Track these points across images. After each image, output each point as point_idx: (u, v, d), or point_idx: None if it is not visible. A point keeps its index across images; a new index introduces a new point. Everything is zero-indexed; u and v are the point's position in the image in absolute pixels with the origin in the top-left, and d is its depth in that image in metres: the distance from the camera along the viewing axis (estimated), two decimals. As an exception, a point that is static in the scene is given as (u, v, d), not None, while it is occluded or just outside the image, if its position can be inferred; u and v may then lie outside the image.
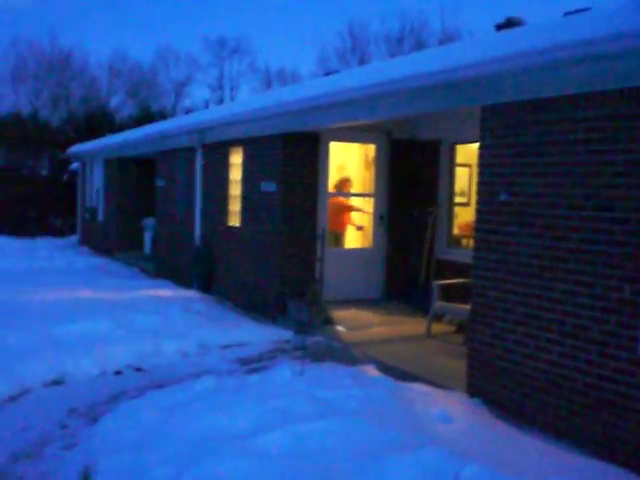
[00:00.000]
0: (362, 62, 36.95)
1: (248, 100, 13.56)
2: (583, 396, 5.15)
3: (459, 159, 9.59)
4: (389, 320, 9.30)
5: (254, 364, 7.35)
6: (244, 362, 7.50)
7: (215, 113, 12.61)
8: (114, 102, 37.33)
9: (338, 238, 10.87)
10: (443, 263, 9.48)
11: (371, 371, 6.67)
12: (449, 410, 5.45)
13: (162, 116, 28.79)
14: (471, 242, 6.93)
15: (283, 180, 9.58)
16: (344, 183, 10.61)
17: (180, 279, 13.17)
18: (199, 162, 12.54)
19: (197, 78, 50.31)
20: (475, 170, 6.37)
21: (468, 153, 9.24)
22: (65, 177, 26.59)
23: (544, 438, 5.25)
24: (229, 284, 11.41)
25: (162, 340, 8.05)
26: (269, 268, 9.98)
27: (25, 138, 26.12)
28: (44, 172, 27.32)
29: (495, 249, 5.98)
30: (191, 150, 12.86)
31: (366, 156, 10.82)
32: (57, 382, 6.76)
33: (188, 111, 28.36)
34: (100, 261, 17.15)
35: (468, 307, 6.49)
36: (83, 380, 6.86)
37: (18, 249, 19.00)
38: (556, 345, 5.38)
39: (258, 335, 8.69)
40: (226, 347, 8.19)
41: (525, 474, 4.38)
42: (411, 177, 10.17)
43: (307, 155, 9.70)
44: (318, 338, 8.42)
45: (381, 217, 10.37)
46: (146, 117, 28.40)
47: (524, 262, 5.68)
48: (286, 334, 8.60)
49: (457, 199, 9.73)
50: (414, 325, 9.00)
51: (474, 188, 6.33)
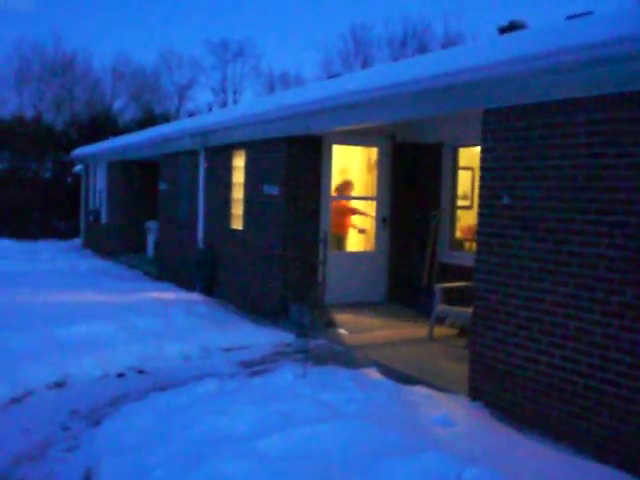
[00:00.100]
0: (365, 65, 36.98)
1: (251, 103, 13.58)
2: (584, 399, 5.15)
3: (462, 162, 9.57)
4: (391, 323, 9.31)
5: (256, 367, 7.36)
6: (246, 365, 7.51)
7: (218, 116, 12.63)
8: (117, 105, 37.41)
9: (340, 241, 10.87)
10: (446, 266, 9.47)
11: (373, 374, 6.67)
12: (451, 413, 5.46)
13: (165, 119, 28.78)
14: (474, 245, 6.93)
15: (286, 183, 9.60)
16: (345, 186, 10.61)
17: (183, 282, 13.19)
18: (202, 165, 12.56)
19: (200, 81, 50.42)
20: (478, 173, 6.37)
21: (471, 156, 9.24)
22: (68, 180, 26.65)
23: (545, 441, 5.25)
24: (232, 287, 11.42)
25: (164, 343, 8.07)
26: (272, 271, 9.99)
27: (29, 141, 26.17)
28: (47, 175, 27.36)
29: (497, 252, 5.99)
30: (194, 153, 12.89)
31: (369, 159, 10.82)
32: (60, 384, 6.77)
33: (191, 114, 28.37)
34: (103, 264, 17.18)
35: (470, 310, 6.49)
36: (85, 382, 6.87)
37: (21, 251, 19.04)
38: (558, 348, 5.38)
39: (260, 338, 8.70)
40: (228, 350, 8.20)
41: (526, 477, 4.39)
42: (414, 180, 10.16)
43: (310, 158, 9.71)
44: (320, 341, 8.42)
45: (383, 220, 10.38)
46: (149, 120, 28.43)
47: (526, 265, 5.69)
48: (288, 337, 8.60)
49: (460, 202, 9.71)
50: (416, 328, 9.01)
51: (477, 191, 6.33)
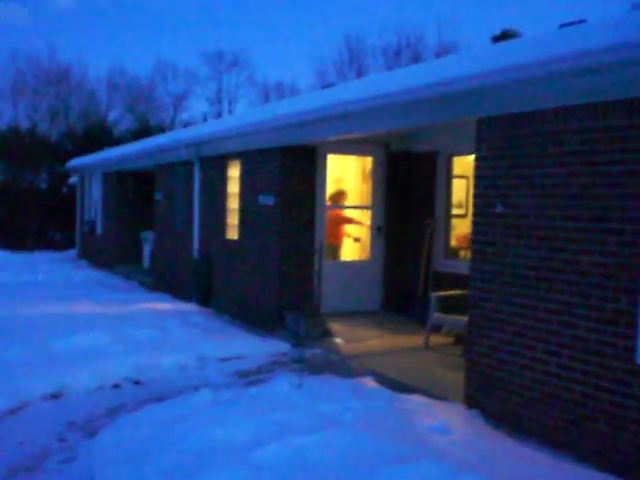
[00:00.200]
0: (359, 75, 37.07)
1: (245, 114, 13.61)
2: (580, 407, 5.16)
3: (456, 171, 9.61)
4: (387, 332, 9.31)
5: (252, 377, 7.35)
6: (242, 375, 7.50)
7: (212, 127, 12.66)
8: (112, 116, 37.40)
9: (336, 251, 10.88)
10: (441, 275, 9.49)
11: (369, 383, 6.67)
12: (447, 421, 5.46)
13: (160, 130, 28.81)
14: (469, 254, 6.94)
15: (281, 193, 9.61)
16: (339, 196, 10.63)
17: (179, 292, 13.18)
18: (197, 176, 12.57)
19: (195, 91, 50.57)
20: (472, 182, 6.40)
21: (465, 165, 9.27)
22: (64, 191, 26.63)
23: (542, 449, 5.25)
24: (228, 297, 11.42)
25: (160, 353, 8.06)
26: (267, 281, 9.99)
27: (24, 152, 26.17)
28: (43, 186, 27.35)
29: (491, 260, 6.00)
30: (189, 164, 12.90)
31: (363, 168, 10.86)
32: (56, 396, 6.75)
33: (186, 124, 28.45)
34: (99, 274, 17.17)
35: (466, 319, 6.50)
36: (82, 393, 6.85)
37: (17, 263, 19.02)
38: (553, 356, 5.39)
39: (256, 348, 8.69)
40: (224, 360, 8.19)
41: (523, 485, 4.40)
42: (408, 189, 10.19)
43: (304, 168, 9.73)
44: (316, 350, 8.43)
45: (378, 229, 10.39)
46: (144, 131, 28.44)
47: (520, 273, 5.70)
48: (284, 347, 8.60)
49: (455, 211, 9.75)
50: (412, 337, 9.01)
51: (471, 200, 6.35)
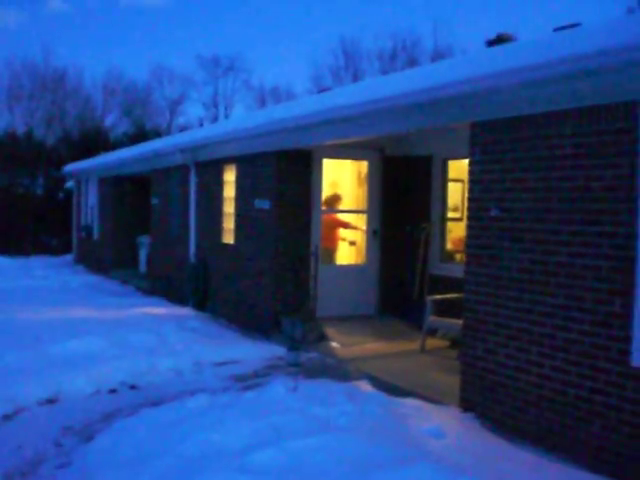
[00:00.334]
0: (355, 79, 37.13)
1: (241, 118, 13.63)
2: (575, 409, 5.18)
3: (451, 175, 9.62)
4: (383, 335, 9.31)
5: (248, 381, 7.35)
6: (238, 379, 7.50)
7: (208, 131, 12.67)
8: (109, 120, 37.40)
9: (331, 254, 10.89)
10: (437, 278, 9.50)
11: (365, 387, 6.68)
12: (442, 425, 5.48)
13: (157, 134, 28.80)
14: (464, 257, 6.97)
15: (277, 197, 9.63)
16: (334, 200, 10.64)
17: (175, 297, 13.18)
18: (193, 180, 12.59)
19: (191, 96, 50.28)
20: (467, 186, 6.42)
21: (460, 169, 9.27)
22: (60, 196, 26.62)
23: (537, 451, 5.27)
24: (224, 301, 11.42)
25: (157, 358, 8.07)
26: (263, 285, 10.00)
27: (20, 157, 26.14)
28: (39, 191, 27.33)
29: (486, 264, 6.03)
30: (185, 168, 12.92)
31: (359, 172, 10.87)
32: (52, 401, 6.75)
33: (182, 129, 28.46)
34: (95, 279, 17.16)
35: (461, 322, 6.52)
36: (78, 398, 6.85)
37: (13, 268, 18.99)
38: (548, 359, 5.41)
39: (252, 352, 8.70)
40: (220, 364, 8.20)
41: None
42: (404, 193, 10.20)
43: (300, 172, 9.75)
44: (312, 354, 8.44)
45: (374, 233, 10.41)
46: (141, 135, 28.41)
47: (515, 277, 5.73)
48: (280, 351, 8.61)
49: (450, 214, 9.76)
50: (408, 340, 9.02)
51: (467, 203, 6.38)
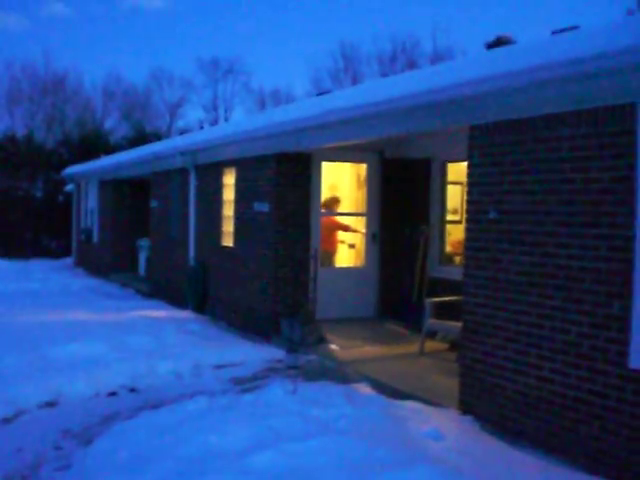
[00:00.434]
0: (355, 81, 37.22)
1: (240, 121, 13.63)
2: (574, 411, 5.18)
3: (451, 177, 9.63)
4: (382, 338, 9.32)
5: (247, 384, 7.36)
6: (238, 382, 7.51)
7: (208, 134, 12.69)
8: (108, 124, 37.50)
9: (330, 257, 10.90)
10: (436, 281, 9.51)
11: (364, 389, 6.69)
12: (441, 427, 5.48)
13: (157, 137, 28.76)
14: (463, 260, 6.98)
15: (276, 200, 9.64)
16: (332, 202, 10.65)
17: (175, 300, 13.18)
18: (192, 183, 12.60)
19: (191, 99, 50.81)
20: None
21: (459, 171, 9.27)
22: (60, 199, 26.62)
23: (536, 454, 5.27)
24: (223, 304, 11.43)
25: (156, 361, 8.07)
26: (263, 288, 10.00)
27: (20, 160, 26.15)
28: (39, 194, 27.32)
29: (485, 266, 6.03)
30: (184, 171, 12.93)
31: (358, 175, 10.89)
32: (51, 403, 6.76)
33: (182, 132, 28.42)
34: (95, 282, 17.16)
35: (460, 324, 6.52)
36: (77, 401, 6.85)
37: (13, 271, 19.00)
38: (546, 361, 5.42)
39: (252, 355, 8.71)
40: (220, 367, 8.20)
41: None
42: (403, 196, 10.21)
43: (299, 175, 9.76)
44: (311, 357, 8.44)
45: (373, 235, 10.42)
46: (140, 138, 28.41)
47: (513, 279, 5.73)
48: (280, 353, 8.62)
49: (449, 217, 9.76)
50: (407, 343, 9.02)
51: (466, 206, 6.38)
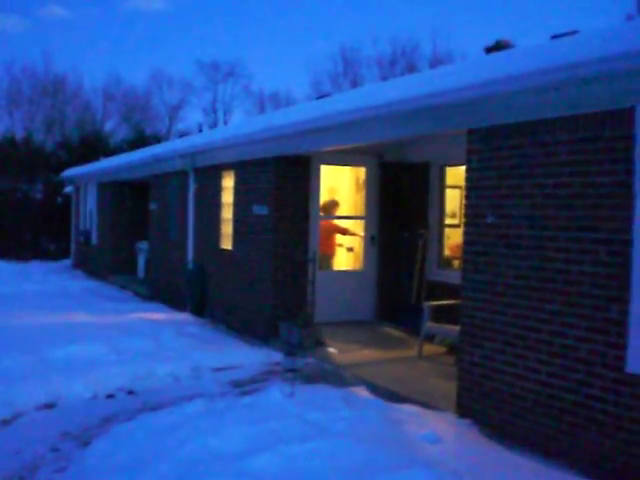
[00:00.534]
0: (355, 85, 37.27)
1: (240, 124, 13.66)
2: (572, 415, 5.18)
3: (449, 181, 9.66)
4: (380, 341, 9.32)
5: (246, 386, 7.36)
6: (236, 384, 7.51)
7: (207, 137, 12.71)
8: (108, 126, 37.55)
9: (329, 260, 10.91)
10: (434, 284, 9.52)
11: (362, 392, 6.69)
12: (439, 431, 5.48)
13: (156, 140, 28.80)
14: (461, 264, 6.99)
15: (275, 203, 9.65)
16: (330, 206, 10.66)
17: (173, 302, 13.19)
18: (192, 186, 12.61)
19: (191, 102, 50.81)
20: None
21: (458, 175, 9.29)
22: (59, 201, 26.61)
23: (534, 457, 5.27)
24: (222, 307, 11.43)
25: (155, 363, 8.06)
26: (261, 290, 10.01)
27: (19, 162, 26.14)
28: (38, 196, 27.30)
29: (483, 270, 6.04)
30: (184, 174, 12.94)
31: (357, 179, 10.90)
32: (50, 405, 6.76)
33: (182, 134, 28.43)
34: (94, 284, 17.16)
35: (459, 328, 6.53)
36: (76, 403, 6.85)
37: (12, 273, 18.97)
38: (545, 365, 5.42)
39: (250, 357, 8.71)
40: (218, 370, 8.20)
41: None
42: (402, 199, 10.21)
43: (298, 178, 9.77)
44: (310, 360, 8.44)
45: (372, 239, 10.43)
46: (140, 141, 28.40)
47: (512, 283, 5.74)
48: (278, 356, 8.61)
49: (448, 220, 9.78)
50: (405, 346, 9.03)
51: (464, 210, 6.39)
